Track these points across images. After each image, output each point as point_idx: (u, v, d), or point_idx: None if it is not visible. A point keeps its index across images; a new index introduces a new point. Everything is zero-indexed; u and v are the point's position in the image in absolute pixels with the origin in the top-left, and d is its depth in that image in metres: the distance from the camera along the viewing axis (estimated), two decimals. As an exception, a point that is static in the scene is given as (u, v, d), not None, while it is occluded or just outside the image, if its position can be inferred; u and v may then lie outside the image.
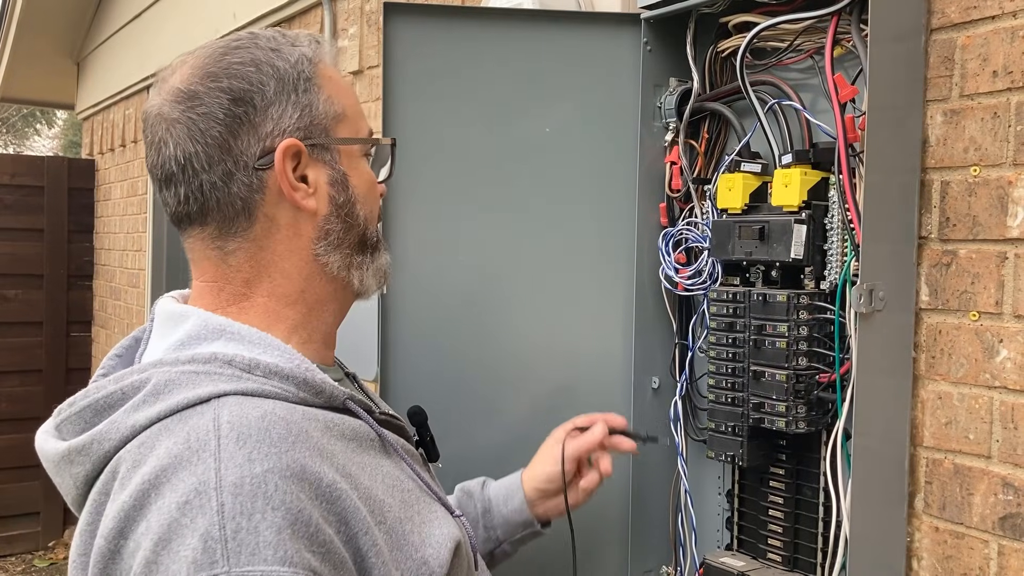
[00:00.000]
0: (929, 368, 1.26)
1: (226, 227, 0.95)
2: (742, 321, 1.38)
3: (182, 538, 0.76)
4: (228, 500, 0.77)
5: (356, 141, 1.01)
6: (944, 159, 1.24)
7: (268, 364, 0.89)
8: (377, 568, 0.84)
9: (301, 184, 0.95)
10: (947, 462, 1.24)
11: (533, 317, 1.58)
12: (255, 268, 0.96)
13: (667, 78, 1.57)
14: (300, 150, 0.94)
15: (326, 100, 0.97)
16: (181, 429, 0.82)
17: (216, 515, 0.76)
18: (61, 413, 0.92)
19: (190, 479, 0.78)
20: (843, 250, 1.31)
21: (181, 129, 0.92)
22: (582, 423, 1.38)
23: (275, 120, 0.93)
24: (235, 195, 0.93)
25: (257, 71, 0.93)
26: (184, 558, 0.75)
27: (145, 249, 4.84)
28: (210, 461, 0.79)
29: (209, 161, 0.92)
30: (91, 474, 0.87)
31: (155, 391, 0.86)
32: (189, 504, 0.77)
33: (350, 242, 0.99)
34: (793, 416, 1.32)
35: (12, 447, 5.54)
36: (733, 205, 1.42)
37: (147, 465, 0.81)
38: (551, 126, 1.55)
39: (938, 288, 1.25)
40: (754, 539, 1.46)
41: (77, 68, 6.22)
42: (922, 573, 1.26)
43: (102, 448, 0.86)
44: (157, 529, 0.77)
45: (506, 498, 1.34)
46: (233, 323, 0.92)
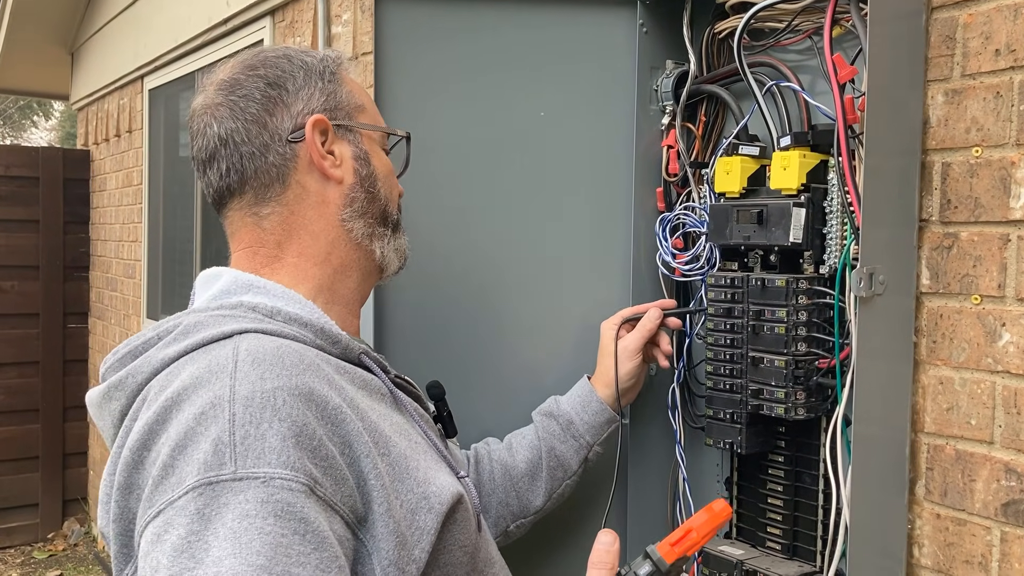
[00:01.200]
0: (930, 353, 1.24)
1: (262, 193, 1.07)
2: (740, 307, 1.36)
3: (196, 444, 0.82)
4: (239, 410, 0.83)
5: (375, 128, 1.16)
6: (945, 140, 1.22)
7: (289, 312, 0.99)
8: (377, 491, 0.90)
9: (329, 155, 1.09)
10: (949, 448, 1.22)
11: (529, 305, 1.56)
12: (286, 230, 1.07)
13: (663, 60, 1.55)
14: (327, 126, 1.09)
15: (348, 92, 1.13)
16: (204, 358, 0.90)
17: (227, 423, 0.83)
18: (106, 362, 1.01)
19: (207, 395, 0.85)
20: (843, 233, 1.28)
21: (224, 110, 1.07)
22: (630, 314, 1.48)
23: (305, 100, 1.09)
24: (270, 164, 1.07)
25: (289, 63, 1.10)
26: (196, 460, 0.81)
27: (141, 240, 4.81)
28: (226, 380, 0.86)
29: (248, 134, 1.06)
30: (124, 408, 0.95)
31: (184, 331, 0.96)
32: (204, 415, 0.84)
33: (373, 213, 1.12)
34: (792, 402, 1.30)
35: (10, 439, 5.53)
36: (731, 189, 1.40)
37: (171, 388, 0.89)
38: (546, 110, 1.53)
39: (939, 271, 1.23)
40: (753, 527, 1.45)
41: (71, 58, 6.18)
42: (923, 560, 1.25)
43: (135, 381, 0.95)
44: (175, 437, 0.84)
45: (583, 407, 1.45)
46: (261, 279, 1.04)
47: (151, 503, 0.83)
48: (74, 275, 5.80)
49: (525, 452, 1.43)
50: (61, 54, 6.15)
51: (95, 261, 5.78)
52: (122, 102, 5.20)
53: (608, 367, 1.46)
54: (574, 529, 1.54)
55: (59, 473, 5.73)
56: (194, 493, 0.80)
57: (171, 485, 0.82)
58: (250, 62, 1.09)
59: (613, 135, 1.54)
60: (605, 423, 1.45)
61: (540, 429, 1.46)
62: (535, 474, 1.42)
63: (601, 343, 1.49)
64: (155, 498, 0.83)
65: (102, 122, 5.64)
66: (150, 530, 0.81)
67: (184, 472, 0.81)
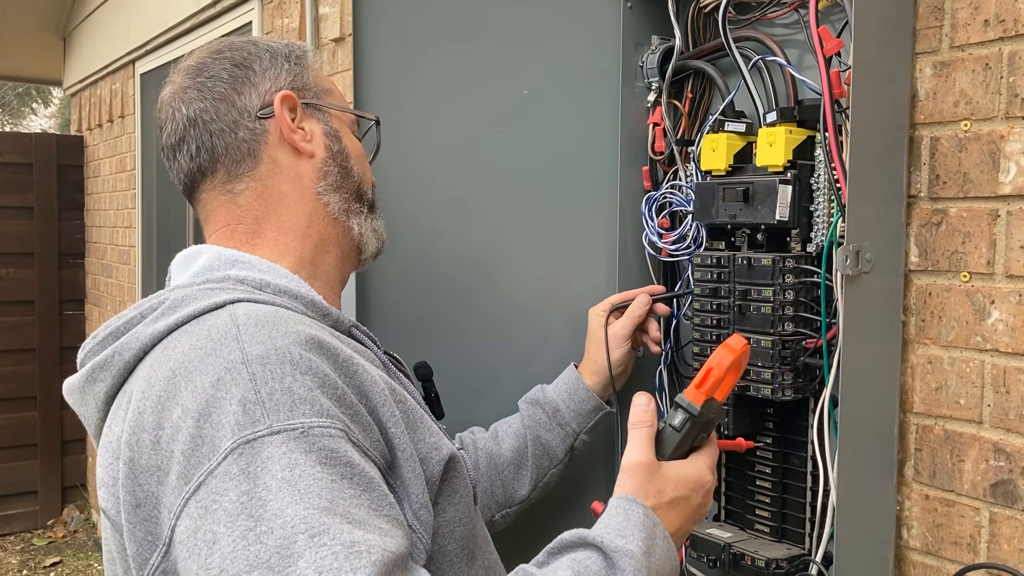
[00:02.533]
0: (919, 331, 1.22)
1: (234, 169, 1.05)
2: (727, 286, 1.34)
3: (221, 408, 0.79)
4: (258, 369, 0.81)
5: (344, 109, 1.15)
6: (934, 114, 1.19)
7: (278, 284, 0.98)
8: (398, 439, 0.89)
9: (299, 129, 1.08)
10: (937, 428, 1.20)
11: (514, 288, 1.53)
12: (263, 205, 1.05)
13: (649, 36, 1.52)
14: (295, 103, 1.08)
15: (314, 77, 1.12)
16: (199, 329, 0.88)
17: (249, 383, 0.80)
18: (86, 347, 0.98)
19: (218, 362, 0.82)
20: (830, 211, 1.26)
21: (192, 92, 1.06)
22: (618, 301, 1.47)
23: (272, 79, 1.08)
24: (240, 139, 1.05)
25: (255, 47, 1.10)
26: (226, 423, 0.78)
27: (135, 226, 4.79)
28: (233, 344, 0.84)
29: (216, 112, 1.05)
30: (111, 390, 0.92)
31: (172, 305, 0.92)
32: (221, 380, 0.81)
33: (348, 188, 1.11)
34: (779, 383, 1.28)
35: (8, 426, 5.53)
36: (717, 167, 1.37)
37: (171, 361, 0.86)
38: (529, 88, 1.50)
39: (928, 248, 1.20)
40: (741, 509, 1.43)
41: (63, 43, 6.14)
42: (912, 542, 1.23)
43: (122, 359, 0.91)
44: (195, 408, 0.80)
45: (569, 395, 1.43)
46: (244, 254, 1.02)
47: (186, 478, 0.78)
48: (69, 262, 5.78)
49: (511, 441, 1.41)
50: (53, 39, 6.11)
51: (90, 247, 5.76)
52: (114, 87, 5.16)
53: (596, 354, 1.45)
54: (564, 516, 1.53)
55: (58, 460, 5.74)
56: (234, 455, 0.77)
57: (205, 455, 0.78)
58: (216, 47, 1.09)
59: (598, 113, 1.51)
60: (592, 411, 1.44)
61: (526, 417, 1.44)
62: (521, 463, 1.41)
63: (589, 330, 1.47)
64: (190, 472, 0.78)
65: (95, 107, 5.61)
66: (193, 505, 0.77)
67: (216, 438, 0.78)
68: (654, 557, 0.91)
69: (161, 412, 0.83)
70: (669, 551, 0.95)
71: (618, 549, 0.88)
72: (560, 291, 1.54)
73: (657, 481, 0.99)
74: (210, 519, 0.75)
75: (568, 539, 0.92)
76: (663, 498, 0.98)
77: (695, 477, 1.02)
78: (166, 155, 1.09)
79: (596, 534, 0.91)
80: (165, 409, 0.83)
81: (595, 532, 0.91)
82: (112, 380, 0.92)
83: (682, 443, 1.03)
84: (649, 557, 0.90)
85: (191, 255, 1.04)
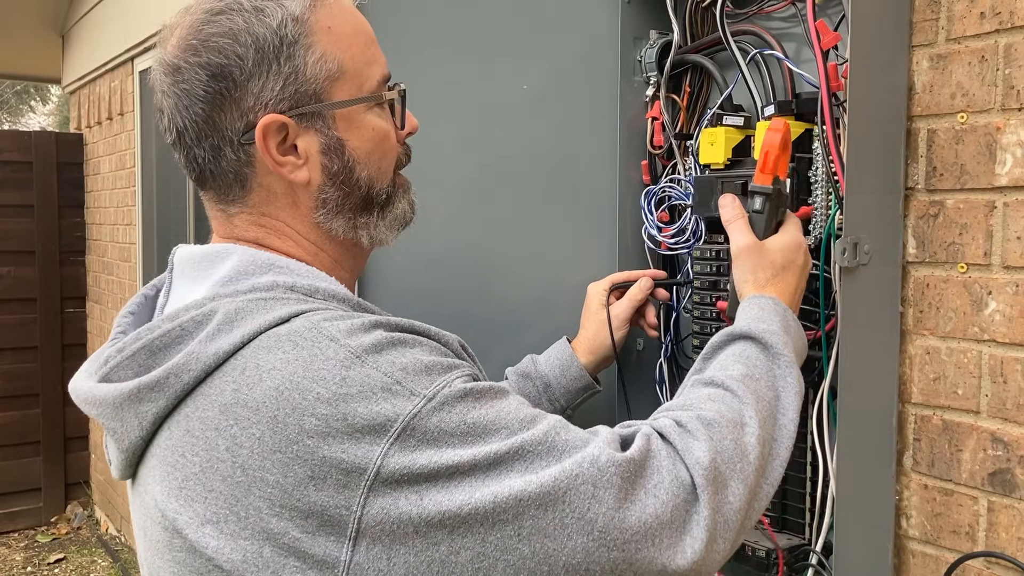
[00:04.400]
0: (917, 323, 1.23)
1: (223, 194, 0.96)
2: (726, 279, 1.35)
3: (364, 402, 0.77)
4: (373, 359, 0.79)
5: (351, 103, 0.96)
6: (930, 106, 1.20)
7: (326, 289, 0.91)
8: None
9: (288, 158, 0.93)
10: (936, 418, 1.21)
11: (513, 282, 1.54)
12: (263, 231, 0.96)
13: (647, 30, 1.52)
14: (284, 123, 0.92)
15: (318, 60, 0.93)
16: (280, 342, 0.82)
17: (375, 371, 0.79)
18: (110, 361, 0.89)
19: (327, 363, 0.79)
20: (828, 203, 1.27)
21: (171, 102, 0.93)
22: (620, 279, 1.45)
23: (255, 95, 0.91)
24: (225, 169, 0.94)
25: (234, 42, 0.90)
26: (380, 413, 0.77)
27: (135, 223, 4.79)
28: (334, 346, 0.80)
29: (198, 135, 0.93)
30: (164, 411, 0.84)
31: (227, 320, 0.84)
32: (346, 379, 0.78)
33: (351, 206, 0.98)
34: (778, 375, 1.28)
35: (11, 424, 5.54)
36: (716, 160, 1.37)
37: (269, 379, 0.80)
38: (528, 83, 1.50)
39: (925, 240, 1.21)
40: (742, 500, 1.44)
41: (62, 40, 6.13)
42: (911, 531, 1.24)
43: (181, 380, 0.83)
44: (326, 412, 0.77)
45: (562, 370, 1.40)
46: (281, 257, 0.93)
47: (360, 465, 0.76)
48: (70, 259, 5.78)
49: None
50: (52, 36, 6.09)
51: (91, 245, 5.76)
52: (113, 84, 5.16)
53: (596, 333, 1.41)
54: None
55: (61, 457, 5.75)
56: (397, 438, 0.77)
57: (370, 440, 0.76)
58: (192, 41, 0.91)
59: (597, 107, 1.52)
60: (582, 389, 1.40)
61: (514, 389, 1.40)
62: None
63: (587, 305, 1.44)
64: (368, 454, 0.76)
65: (94, 105, 5.60)
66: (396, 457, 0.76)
67: (378, 424, 0.77)
68: (791, 335, 1.05)
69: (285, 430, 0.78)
70: (799, 328, 1.09)
71: (765, 331, 1.02)
72: (560, 286, 1.54)
73: (766, 255, 1.13)
74: (439, 482, 0.77)
75: (718, 340, 1.05)
76: (776, 267, 1.13)
77: (793, 241, 1.15)
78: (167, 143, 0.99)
79: (743, 327, 1.03)
80: (287, 426, 0.78)
81: (740, 326, 1.04)
82: (167, 402, 0.84)
83: (769, 221, 1.17)
84: (787, 335, 1.04)
85: (215, 254, 0.94)
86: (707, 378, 0.98)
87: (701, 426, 0.89)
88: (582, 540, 0.78)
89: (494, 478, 0.78)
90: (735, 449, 0.89)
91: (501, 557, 0.77)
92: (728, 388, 0.95)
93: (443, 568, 0.77)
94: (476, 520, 0.77)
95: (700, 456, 0.85)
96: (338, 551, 0.77)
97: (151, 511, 0.87)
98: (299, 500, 0.77)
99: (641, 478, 0.82)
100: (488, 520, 0.77)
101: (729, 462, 0.87)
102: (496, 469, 0.78)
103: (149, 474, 0.88)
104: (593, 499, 0.79)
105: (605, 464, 0.80)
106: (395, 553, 0.77)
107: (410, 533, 0.77)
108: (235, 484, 0.79)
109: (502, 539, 0.77)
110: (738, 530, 0.87)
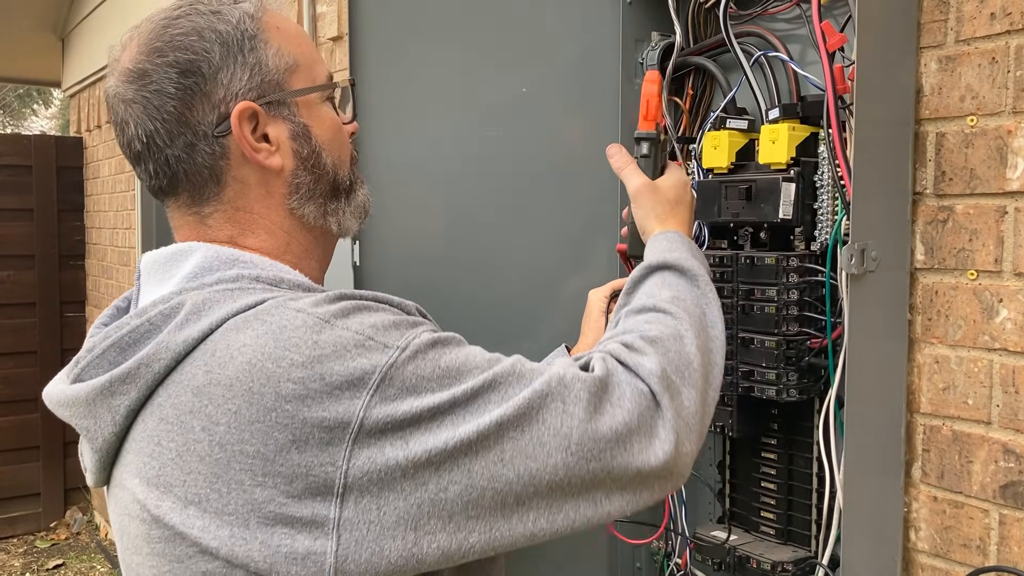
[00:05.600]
0: (925, 331, 1.20)
1: (197, 194, 0.96)
2: (730, 286, 1.32)
3: (340, 360, 0.80)
4: (341, 322, 0.82)
5: (311, 90, 1.00)
6: (939, 109, 1.17)
7: (291, 279, 0.93)
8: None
9: (263, 144, 0.96)
10: (945, 429, 1.18)
11: (512, 288, 1.51)
12: (236, 227, 0.97)
13: (649, 32, 1.50)
14: (255, 111, 0.95)
15: (275, 54, 0.97)
16: (251, 322, 0.83)
17: (344, 331, 0.82)
18: (80, 362, 0.90)
19: (299, 330, 0.81)
20: (834, 209, 1.24)
21: (138, 108, 0.93)
22: (620, 286, 1.36)
23: (225, 85, 0.93)
24: (200, 165, 0.94)
25: (200, 39, 0.93)
26: (357, 367, 0.80)
27: (135, 227, 4.77)
28: (301, 316, 0.82)
29: (170, 136, 0.93)
30: (136, 403, 0.85)
31: (195, 309, 0.85)
32: (318, 343, 0.80)
33: (322, 191, 1.01)
34: (784, 384, 1.26)
35: (9, 429, 5.51)
36: (719, 164, 1.35)
37: (240, 356, 0.81)
38: (528, 85, 1.48)
39: (934, 246, 1.18)
40: (746, 511, 1.41)
41: (62, 44, 6.12)
42: (920, 544, 1.21)
43: (151, 370, 0.84)
44: (301, 375, 0.79)
45: None
46: (245, 252, 0.95)
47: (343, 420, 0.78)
48: (70, 263, 5.76)
49: None
50: (52, 40, 6.08)
51: (90, 249, 5.74)
52: (113, 88, 5.13)
53: (594, 339, 1.36)
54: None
55: (60, 462, 5.72)
56: (374, 389, 0.79)
57: (351, 394, 0.79)
58: (156, 44, 0.93)
59: (598, 110, 1.49)
60: None
61: None
62: None
63: (588, 312, 1.40)
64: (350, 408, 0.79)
65: (94, 109, 5.59)
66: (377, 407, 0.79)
67: (358, 374, 0.80)
68: (699, 259, 1.10)
69: (262, 400, 0.79)
70: (702, 255, 1.14)
71: (679, 259, 1.07)
72: (561, 292, 1.52)
73: (661, 192, 1.19)
74: (418, 427, 0.79)
75: (638, 274, 1.09)
76: (671, 203, 1.19)
77: (679, 179, 1.23)
78: (127, 158, 0.99)
79: (659, 259, 1.08)
80: (263, 396, 0.79)
81: (656, 259, 1.08)
82: (139, 393, 0.85)
83: (656, 164, 1.25)
84: (696, 260, 1.09)
85: (177, 254, 0.95)
86: (638, 306, 1.03)
87: (646, 344, 0.94)
88: (561, 456, 0.82)
89: (473, 412, 0.82)
90: (680, 359, 0.94)
91: (489, 486, 0.80)
92: (661, 310, 1.00)
93: (433, 507, 0.79)
94: (461, 452, 0.80)
95: (652, 367, 0.90)
96: (326, 510, 0.78)
97: (129, 507, 0.87)
98: (282, 466, 0.78)
99: (605, 393, 0.87)
100: (472, 450, 0.80)
101: (677, 371, 0.92)
102: (474, 403, 0.82)
103: (125, 471, 0.88)
104: (565, 414, 0.83)
105: (571, 381, 0.85)
106: (384, 501, 0.79)
107: (398, 478, 0.79)
108: (214, 462, 0.80)
109: (487, 466, 0.81)
110: (699, 432, 0.93)
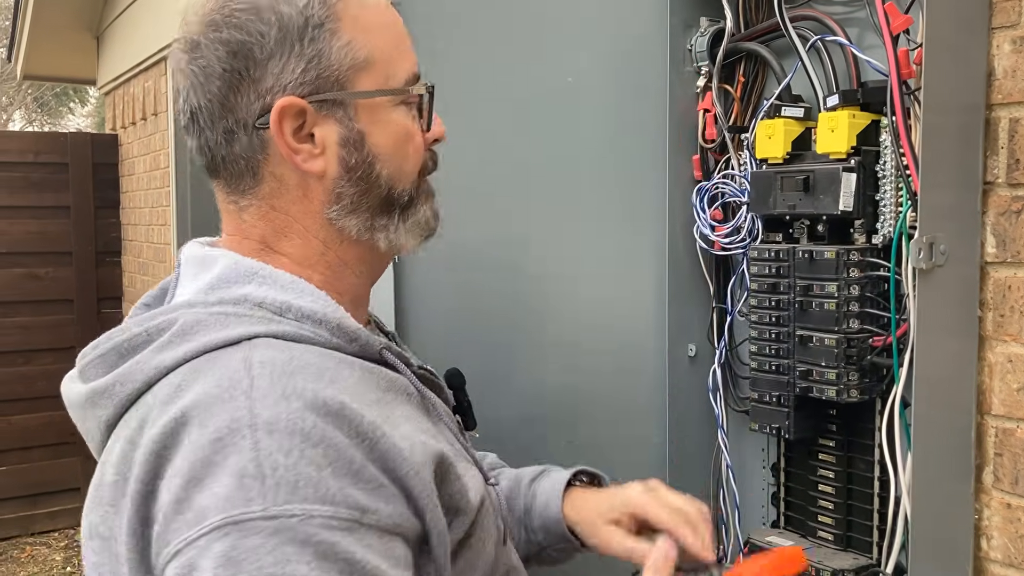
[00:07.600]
0: (997, 328, 1.14)
1: (234, 184, 0.92)
2: (786, 281, 1.27)
3: (214, 476, 0.73)
4: (263, 438, 0.74)
5: (376, 94, 0.91)
6: (1013, 93, 1.11)
7: (301, 307, 0.86)
8: (430, 511, 0.81)
9: (304, 145, 0.89)
10: (1019, 431, 1.12)
11: (558, 282, 1.47)
12: (270, 227, 0.92)
13: (698, 17, 1.45)
14: (303, 108, 0.88)
15: (343, 47, 0.89)
16: (211, 369, 0.80)
17: (251, 452, 0.73)
18: (85, 356, 0.90)
19: (222, 416, 0.75)
20: (898, 200, 1.19)
21: (188, 81, 0.89)
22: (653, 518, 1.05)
23: (275, 75, 0.87)
24: (237, 155, 0.90)
25: (258, 19, 0.87)
26: (217, 495, 0.72)
27: (170, 223, 4.79)
28: (242, 399, 0.76)
29: (211, 117, 0.89)
30: (112, 418, 0.85)
31: (182, 331, 0.83)
32: (221, 441, 0.74)
33: (369, 205, 0.92)
34: (844, 384, 1.21)
35: (50, 424, 5.56)
36: (774, 154, 1.30)
37: (176, 405, 0.78)
38: (573, 75, 1.43)
39: (1006, 238, 1.12)
40: (803, 516, 1.36)
41: (96, 42, 6.16)
42: (992, 553, 1.15)
43: (124, 390, 0.84)
44: (187, 468, 0.74)
45: (546, 503, 1.14)
46: (265, 266, 0.89)
47: (165, 540, 0.74)
48: (106, 260, 5.80)
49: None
50: (87, 38, 6.12)
51: (126, 246, 5.78)
52: (146, 84, 5.16)
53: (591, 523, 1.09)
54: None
55: (99, 457, 5.78)
56: (218, 533, 0.70)
57: (187, 522, 0.72)
58: (214, 17, 0.88)
59: (645, 100, 1.44)
60: (560, 536, 1.13)
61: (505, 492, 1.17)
62: None
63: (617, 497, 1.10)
64: (169, 536, 0.73)
65: (128, 105, 5.62)
66: (171, 572, 0.72)
67: (203, 507, 0.72)
68: None
69: (158, 462, 0.77)
70: None
71: None
72: (605, 290, 1.47)
73: None
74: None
75: None
76: None
77: None
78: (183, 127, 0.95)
79: None
80: (162, 459, 0.77)
81: None
82: (113, 409, 0.84)
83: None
84: None
85: (207, 259, 0.92)
86: None
87: None
88: None
89: None
90: None
91: None
92: None
93: None
94: None
95: None
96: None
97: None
98: (139, 530, 0.78)
99: None
100: None
101: None
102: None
103: None
104: None
105: None
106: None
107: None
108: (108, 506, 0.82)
109: None
110: None
